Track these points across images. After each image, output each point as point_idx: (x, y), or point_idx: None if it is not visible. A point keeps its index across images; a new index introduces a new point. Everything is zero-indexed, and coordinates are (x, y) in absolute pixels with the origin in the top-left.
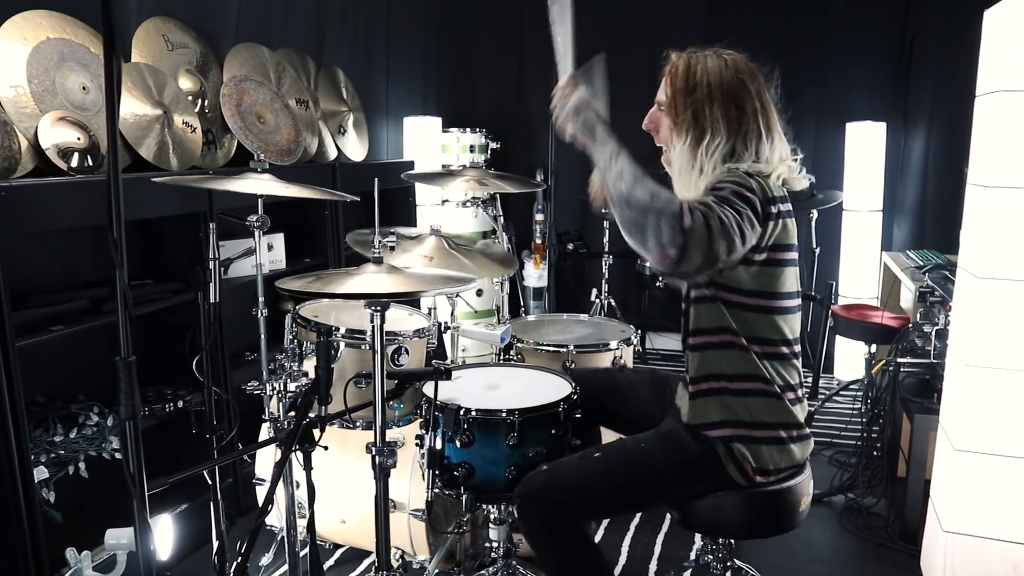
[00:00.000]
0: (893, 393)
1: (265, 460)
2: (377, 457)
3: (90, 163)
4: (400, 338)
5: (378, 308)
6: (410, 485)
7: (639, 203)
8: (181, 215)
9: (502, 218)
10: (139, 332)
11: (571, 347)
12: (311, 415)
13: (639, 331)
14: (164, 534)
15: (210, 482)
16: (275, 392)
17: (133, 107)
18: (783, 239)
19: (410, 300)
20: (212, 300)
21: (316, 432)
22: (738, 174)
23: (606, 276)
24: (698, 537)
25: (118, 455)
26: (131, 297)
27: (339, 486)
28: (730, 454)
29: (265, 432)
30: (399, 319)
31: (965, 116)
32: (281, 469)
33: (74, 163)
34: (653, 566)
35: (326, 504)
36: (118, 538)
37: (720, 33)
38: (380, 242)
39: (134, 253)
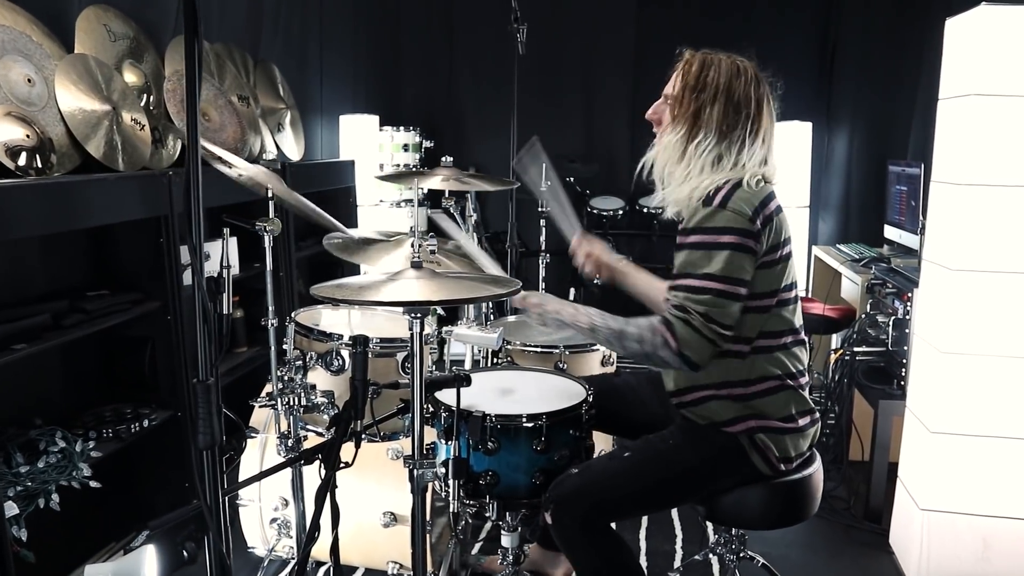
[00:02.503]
0: (849, 381)
1: (250, 473)
2: (415, 471)
3: (39, 163)
4: (407, 344)
5: (417, 315)
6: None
7: (635, 354)
8: (136, 220)
9: (473, 217)
10: (94, 346)
11: (562, 347)
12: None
13: None
14: (151, 565)
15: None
16: (286, 408)
17: (81, 102)
18: (776, 239)
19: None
20: (227, 311)
21: (345, 447)
22: (718, 212)
23: (543, 275)
24: (679, 528)
25: (92, 483)
26: (211, 314)
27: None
28: (753, 444)
29: (254, 454)
30: (399, 325)
31: (886, 115)
32: (326, 492)
33: (22, 162)
34: (644, 561)
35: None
36: (98, 575)
37: (650, 32)
38: (420, 246)
39: (88, 260)
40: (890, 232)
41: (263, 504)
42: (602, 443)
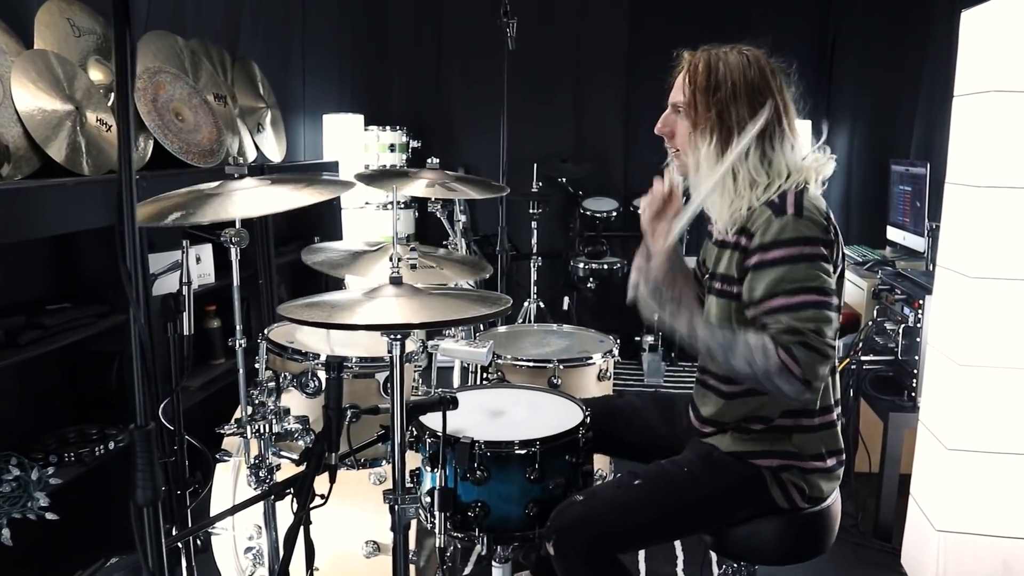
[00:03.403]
0: (856, 390)
1: (221, 503)
2: (396, 506)
3: None
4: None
5: (397, 337)
6: None
7: (743, 374)
8: (100, 228)
9: (460, 222)
10: (56, 363)
11: (556, 361)
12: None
13: (618, 340)
14: None
15: (180, 546)
16: (257, 434)
17: (40, 102)
18: (840, 251)
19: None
20: (187, 332)
21: (317, 480)
22: (796, 221)
23: (535, 278)
24: (680, 550)
25: (48, 515)
26: (150, 348)
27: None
28: (776, 479)
29: (225, 479)
30: (382, 340)
31: (888, 112)
32: (297, 532)
33: None
34: None
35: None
36: None
37: (644, 26)
38: (400, 259)
39: (48, 271)
40: (893, 234)
41: (236, 533)
42: (599, 463)
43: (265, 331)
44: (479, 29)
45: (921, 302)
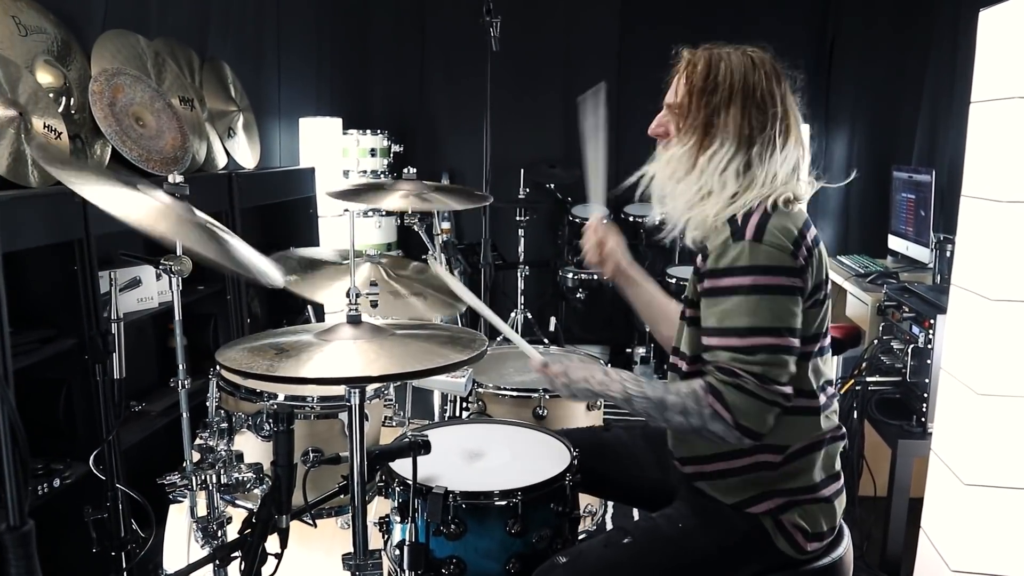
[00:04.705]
0: (860, 412)
1: (175, 544)
2: (358, 573)
3: None
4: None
5: (356, 386)
6: None
7: (679, 428)
8: (47, 244)
9: (440, 235)
10: None
11: (541, 391)
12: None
13: (608, 361)
14: None
15: None
16: (203, 487)
17: None
18: (819, 277)
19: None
20: (117, 375)
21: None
22: (754, 248)
23: (522, 288)
24: None
25: None
26: (23, 434)
27: None
28: (779, 527)
29: (179, 521)
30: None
31: (889, 116)
32: None
33: None
34: None
35: None
36: None
37: (635, 25)
38: (357, 295)
39: None
40: (895, 243)
41: None
42: (586, 499)
43: (217, 366)
44: (463, 29)
45: (932, 321)
